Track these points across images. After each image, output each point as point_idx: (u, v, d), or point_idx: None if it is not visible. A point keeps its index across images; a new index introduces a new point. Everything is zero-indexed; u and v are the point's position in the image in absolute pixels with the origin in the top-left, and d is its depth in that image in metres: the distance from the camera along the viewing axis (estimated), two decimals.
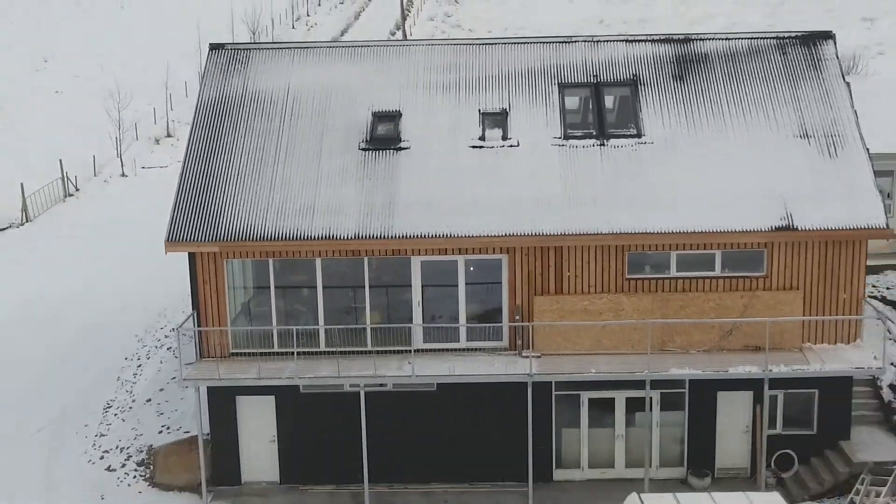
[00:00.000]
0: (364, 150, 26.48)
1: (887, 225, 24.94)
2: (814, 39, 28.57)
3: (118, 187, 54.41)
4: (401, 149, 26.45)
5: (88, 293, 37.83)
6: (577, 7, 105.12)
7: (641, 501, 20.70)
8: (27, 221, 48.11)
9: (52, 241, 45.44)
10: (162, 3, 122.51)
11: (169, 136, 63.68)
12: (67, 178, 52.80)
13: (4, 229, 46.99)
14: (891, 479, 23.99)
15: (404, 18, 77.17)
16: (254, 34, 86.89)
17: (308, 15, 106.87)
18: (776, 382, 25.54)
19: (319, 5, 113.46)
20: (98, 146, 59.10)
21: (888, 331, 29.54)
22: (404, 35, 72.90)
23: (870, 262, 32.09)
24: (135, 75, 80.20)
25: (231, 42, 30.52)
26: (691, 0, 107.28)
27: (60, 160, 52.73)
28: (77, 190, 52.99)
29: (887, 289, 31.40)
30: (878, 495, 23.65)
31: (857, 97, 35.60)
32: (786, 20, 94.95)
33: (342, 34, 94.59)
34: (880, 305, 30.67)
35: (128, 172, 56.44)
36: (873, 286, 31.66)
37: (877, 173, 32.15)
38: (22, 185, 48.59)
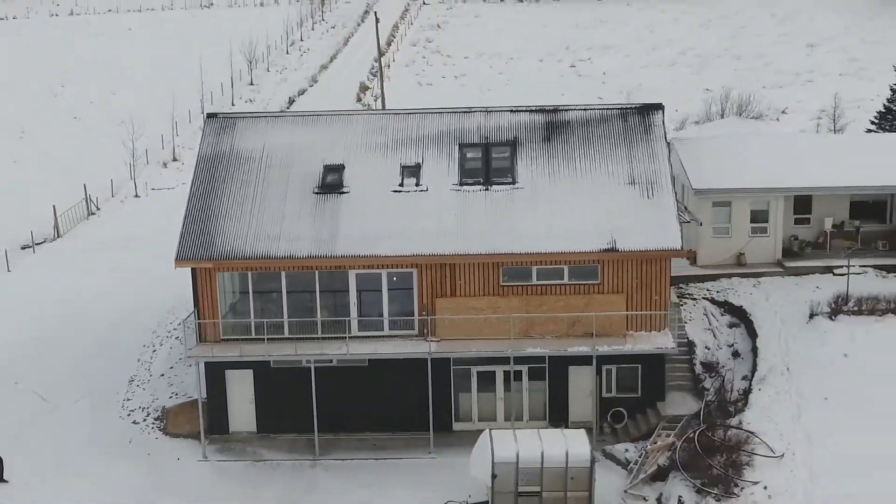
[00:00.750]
0: (317, 193, 37.63)
1: (682, 247, 36.00)
2: (648, 110, 39.53)
3: (132, 207, 65.49)
4: (343, 193, 37.60)
5: (112, 296, 48.96)
6: (549, 32, 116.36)
7: (490, 436, 31.81)
8: (58, 237, 59.29)
9: (80, 253, 56.60)
10: (164, 26, 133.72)
11: (175, 160, 74.62)
12: (90, 198, 63.94)
13: (40, 243, 58.22)
14: (679, 425, 35.04)
15: (381, 54, 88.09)
16: (250, 63, 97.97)
17: (301, 40, 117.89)
18: (611, 359, 36.64)
19: (313, 30, 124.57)
20: (113, 169, 70.11)
21: (709, 322, 40.69)
22: (380, 67, 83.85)
23: (710, 272, 43.40)
24: (142, 100, 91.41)
25: (222, 112, 41.38)
26: (656, 24, 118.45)
27: (84, 185, 63.87)
28: (98, 209, 64.15)
29: (717, 292, 42.36)
30: (668, 435, 34.69)
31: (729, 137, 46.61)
32: (743, 45, 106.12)
33: (331, 60, 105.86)
34: (709, 305, 41.67)
35: (140, 193, 67.55)
36: (708, 290, 42.62)
37: (718, 203, 43.49)
38: (54, 206, 59.77)
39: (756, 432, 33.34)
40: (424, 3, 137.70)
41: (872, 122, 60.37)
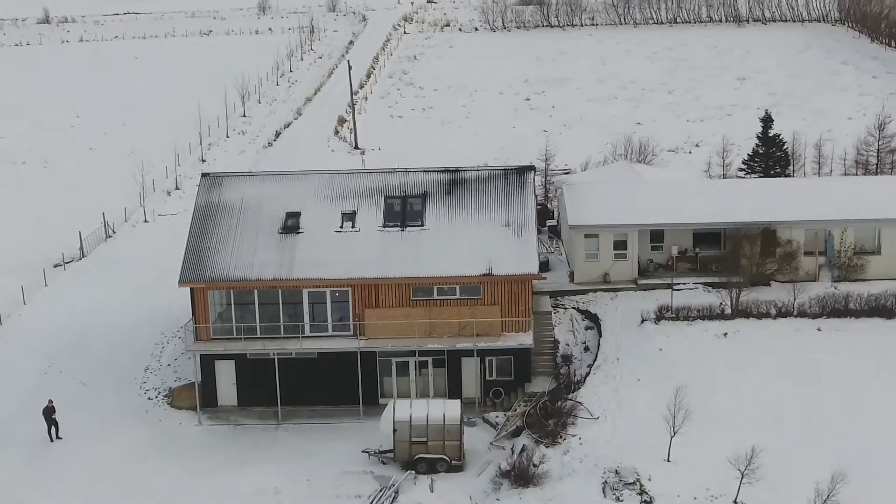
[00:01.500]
0: (280, 233, 53.08)
1: (539, 272, 51.45)
2: (522, 171, 54.98)
3: (142, 230, 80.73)
4: (299, 233, 53.05)
5: (130, 305, 64.32)
6: (513, 64, 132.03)
7: (394, 404, 47.22)
8: (83, 257, 74.65)
9: (102, 270, 71.85)
10: (167, 55, 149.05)
11: (177, 188, 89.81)
12: (107, 223, 79.36)
13: (69, 262, 73.58)
14: (535, 398, 50.37)
15: (354, 94, 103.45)
16: (243, 98, 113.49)
17: (291, 71, 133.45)
18: (491, 352, 52.00)
19: (301, 60, 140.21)
20: (125, 196, 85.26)
21: (572, 325, 56.09)
22: (353, 106, 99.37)
23: (582, 288, 58.75)
24: (148, 131, 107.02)
25: (214, 172, 56.79)
26: (608, 58, 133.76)
27: (103, 213, 79.27)
28: (114, 233, 79.51)
29: (583, 303, 57.72)
30: (525, 406, 50.06)
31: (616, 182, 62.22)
32: (681, 77, 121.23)
33: (315, 92, 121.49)
34: (575, 313, 57.07)
35: (149, 219, 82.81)
36: (577, 301, 57.98)
37: (588, 236, 58.76)
38: (80, 232, 75.19)
39: (583, 403, 48.73)
40: (405, 33, 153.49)
41: (744, 163, 75.49)
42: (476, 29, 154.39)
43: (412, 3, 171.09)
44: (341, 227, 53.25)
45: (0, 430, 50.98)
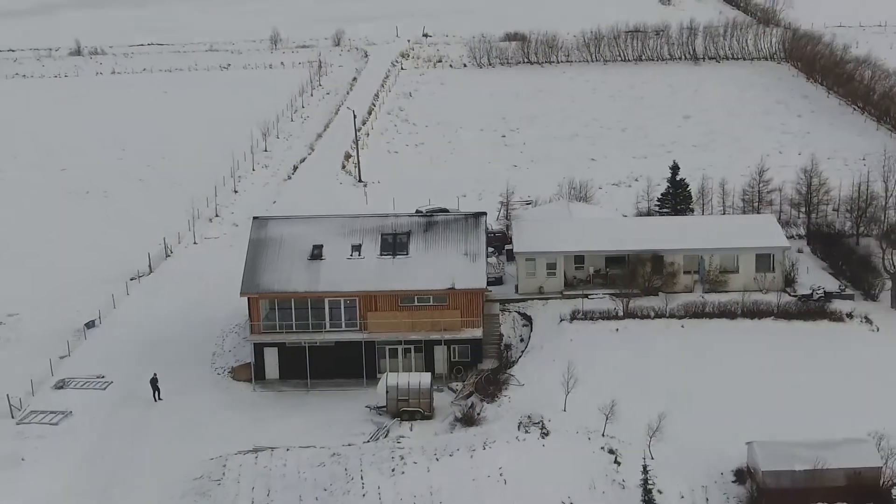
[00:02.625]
0: (308, 260, 79.62)
1: (486, 286, 78.02)
2: (477, 215, 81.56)
3: (193, 251, 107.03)
4: (322, 259, 79.56)
5: (192, 309, 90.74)
6: (494, 101, 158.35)
7: (386, 376, 73.85)
8: (151, 272, 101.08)
9: (167, 282, 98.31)
10: (193, 89, 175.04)
11: (217, 215, 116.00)
12: (166, 245, 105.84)
13: (142, 276, 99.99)
14: (483, 373, 76.74)
15: (357, 134, 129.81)
16: (264, 134, 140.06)
17: (303, 107, 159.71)
18: (454, 342, 78.47)
19: (311, 95, 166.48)
20: (174, 222, 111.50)
21: (513, 323, 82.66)
22: (357, 144, 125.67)
23: (524, 297, 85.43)
24: (186, 163, 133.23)
25: (262, 216, 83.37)
26: (577, 95, 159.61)
27: (164, 237, 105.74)
28: (172, 253, 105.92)
29: (523, 307, 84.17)
30: (477, 377, 76.41)
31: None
32: (636, 115, 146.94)
33: (325, 129, 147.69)
34: (517, 314, 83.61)
35: (197, 241, 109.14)
36: (519, 307, 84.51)
37: (528, 259, 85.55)
38: (149, 253, 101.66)
39: (514, 375, 75.17)
40: (402, 69, 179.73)
41: (658, 200, 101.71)
42: (465, 65, 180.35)
43: (408, 41, 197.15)
44: (351, 255, 79.71)
45: (121, 394, 77.55)
